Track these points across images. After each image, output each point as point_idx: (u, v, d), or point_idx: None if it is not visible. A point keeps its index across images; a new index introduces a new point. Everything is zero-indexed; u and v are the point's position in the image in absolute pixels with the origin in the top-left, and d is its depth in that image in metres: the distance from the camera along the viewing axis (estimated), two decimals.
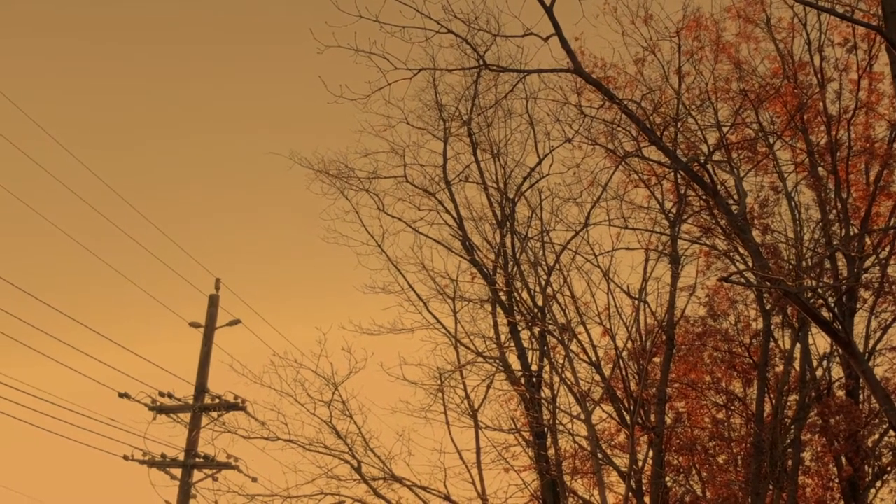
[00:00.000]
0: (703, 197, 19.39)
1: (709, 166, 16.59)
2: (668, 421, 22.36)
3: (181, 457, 21.79)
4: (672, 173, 20.03)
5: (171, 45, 50.15)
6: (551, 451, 20.05)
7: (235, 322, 23.36)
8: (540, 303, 20.86)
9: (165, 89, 50.41)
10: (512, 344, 21.15)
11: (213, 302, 23.42)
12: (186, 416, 22.23)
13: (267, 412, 18.97)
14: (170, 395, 21.95)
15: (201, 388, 22.33)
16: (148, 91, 49.94)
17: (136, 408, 21.76)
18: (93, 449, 20.33)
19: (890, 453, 22.27)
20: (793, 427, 21.12)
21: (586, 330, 21.13)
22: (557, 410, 20.41)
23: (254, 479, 20.85)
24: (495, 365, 20.74)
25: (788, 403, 21.76)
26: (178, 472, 21.84)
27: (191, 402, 22.19)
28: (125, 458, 21.40)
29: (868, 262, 22.01)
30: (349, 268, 30.66)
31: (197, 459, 21.86)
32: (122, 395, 21.33)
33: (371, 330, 20.52)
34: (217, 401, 22.20)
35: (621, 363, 20.70)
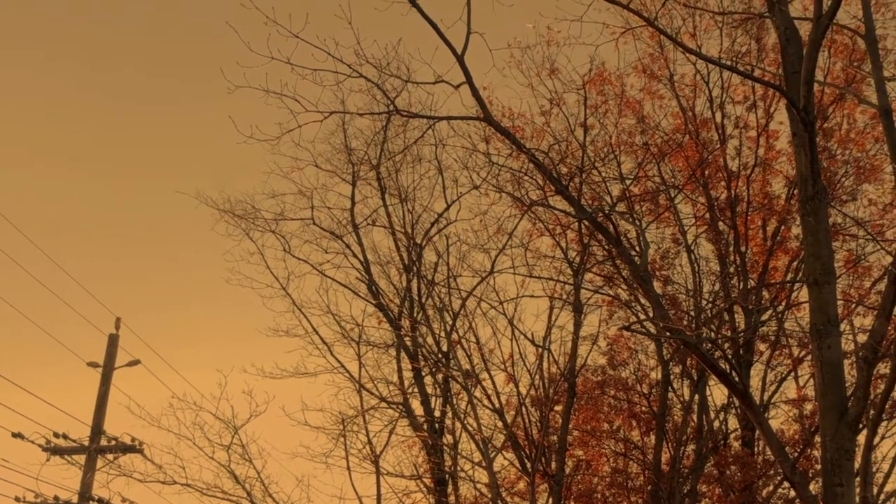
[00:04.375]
0: (607, 247, 19.66)
1: (612, 217, 16.86)
2: (568, 469, 22.50)
3: (75, 499, 21.34)
4: (577, 223, 20.28)
5: (81, 77, 49.51)
6: (452, 498, 20.05)
7: (135, 362, 23.02)
8: (445, 348, 20.93)
9: (69, 121, 49.67)
10: (416, 389, 21.16)
11: (113, 342, 23.06)
12: (81, 458, 21.79)
13: (164, 455, 18.71)
14: (65, 436, 21.50)
15: (97, 430, 21.90)
16: (50, 121, 49.14)
17: (30, 448, 21.27)
18: None
19: None
20: (690, 477, 21.40)
21: (490, 376, 21.27)
22: (459, 457, 20.44)
23: None
24: (398, 410, 20.72)
25: (686, 453, 22.06)
26: None
27: (86, 443, 21.76)
28: (17, 499, 20.88)
29: (765, 316, 22.51)
30: (253, 310, 30.31)
31: (91, 502, 21.40)
32: (15, 435, 20.80)
33: (274, 373, 20.42)
34: (113, 443, 21.82)
35: (524, 410, 20.81)
